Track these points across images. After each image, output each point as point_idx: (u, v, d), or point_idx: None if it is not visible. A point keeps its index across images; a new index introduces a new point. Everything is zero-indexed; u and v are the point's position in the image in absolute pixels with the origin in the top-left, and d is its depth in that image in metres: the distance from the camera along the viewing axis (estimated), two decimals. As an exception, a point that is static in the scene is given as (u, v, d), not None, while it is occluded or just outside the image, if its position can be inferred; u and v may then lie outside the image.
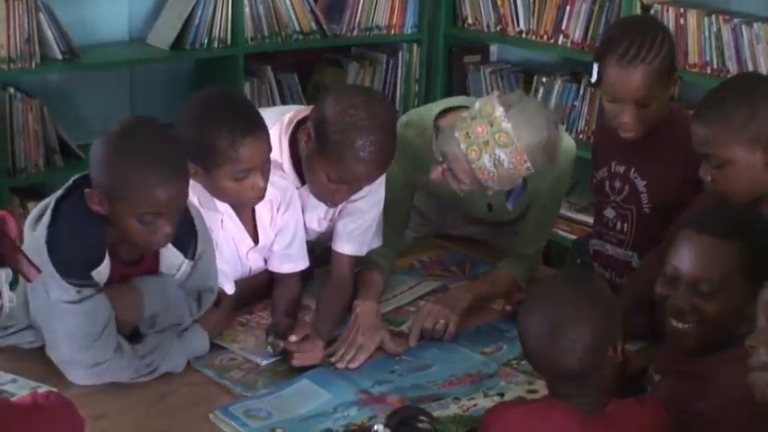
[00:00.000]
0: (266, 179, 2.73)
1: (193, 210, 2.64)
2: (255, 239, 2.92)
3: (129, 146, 2.39)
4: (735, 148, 2.55)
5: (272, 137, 2.77)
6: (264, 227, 2.92)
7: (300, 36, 4.99)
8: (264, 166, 2.71)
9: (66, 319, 2.44)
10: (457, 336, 2.88)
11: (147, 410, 2.48)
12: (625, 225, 3.14)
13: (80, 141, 4.52)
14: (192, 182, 2.57)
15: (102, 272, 2.49)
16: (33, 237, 2.42)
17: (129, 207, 2.38)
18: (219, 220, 2.82)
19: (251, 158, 2.66)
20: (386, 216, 3.13)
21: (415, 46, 5.43)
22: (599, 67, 2.95)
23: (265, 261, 3.01)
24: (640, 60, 2.84)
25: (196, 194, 2.72)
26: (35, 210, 2.50)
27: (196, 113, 2.69)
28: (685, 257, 2.30)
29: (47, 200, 2.50)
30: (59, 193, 2.48)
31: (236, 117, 2.66)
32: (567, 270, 3.65)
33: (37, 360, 2.57)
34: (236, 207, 2.84)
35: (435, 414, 2.47)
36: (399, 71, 5.42)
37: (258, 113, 2.75)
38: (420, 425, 2.30)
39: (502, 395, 2.60)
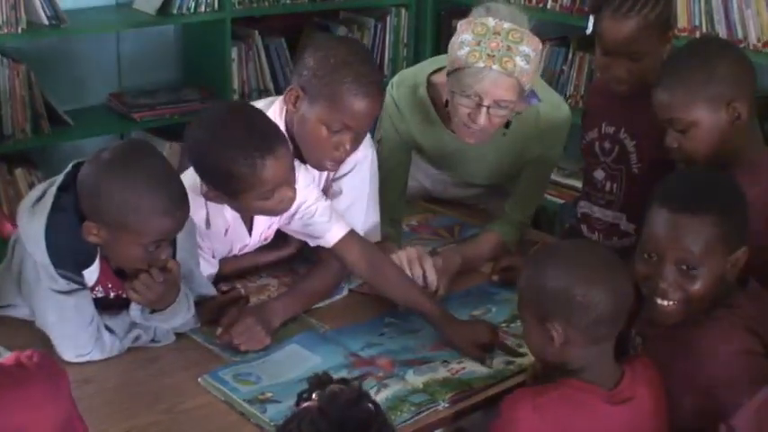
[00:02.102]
0: (294, 187, 2.62)
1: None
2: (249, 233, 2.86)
3: (131, 177, 2.34)
4: (697, 110, 2.58)
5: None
6: (259, 230, 2.84)
7: (288, 0, 4.96)
8: (290, 177, 2.60)
9: (55, 306, 2.44)
10: (446, 299, 2.89)
11: (136, 375, 2.48)
12: (614, 186, 3.15)
13: (67, 107, 4.50)
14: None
15: (92, 271, 2.48)
16: (32, 222, 2.39)
17: (136, 237, 2.37)
18: (224, 230, 2.77)
19: (275, 178, 2.54)
20: (385, 180, 3.10)
21: (403, 10, 5.40)
22: (594, 19, 3.00)
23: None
24: (636, 12, 2.88)
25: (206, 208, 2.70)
26: (33, 193, 2.46)
27: (207, 139, 2.56)
28: (663, 238, 2.29)
29: (46, 184, 2.47)
30: (60, 179, 2.44)
31: (250, 138, 2.52)
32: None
33: (24, 331, 2.55)
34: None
35: (425, 377, 2.49)
36: (388, 35, 5.39)
37: (272, 124, 2.63)
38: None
39: (492, 359, 2.61)
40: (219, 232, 2.76)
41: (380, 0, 5.34)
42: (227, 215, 2.73)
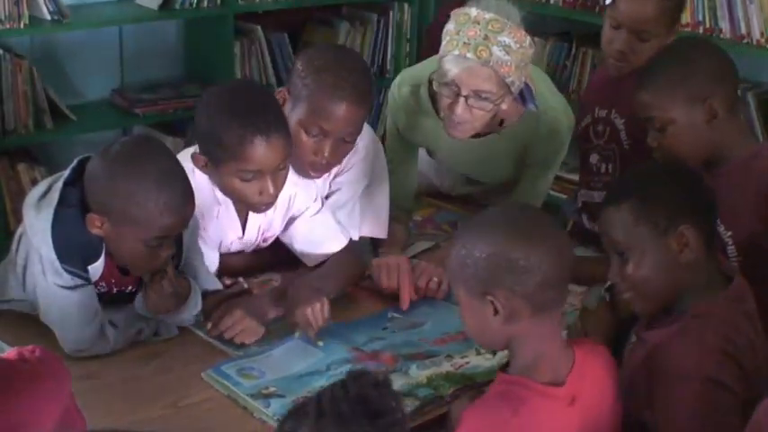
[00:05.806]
0: (277, 186, 2.62)
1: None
2: (243, 230, 2.85)
3: (138, 170, 2.35)
4: (674, 108, 2.61)
5: None
6: (255, 223, 2.83)
7: (291, -5, 4.96)
8: (277, 173, 2.59)
9: (60, 301, 2.44)
10: (449, 293, 2.88)
11: (139, 370, 2.48)
12: (609, 166, 3.20)
13: (70, 102, 4.50)
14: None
15: (97, 267, 2.48)
16: (38, 217, 2.39)
17: (138, 232, 2.37)
18: (216, 211, 2.75)
19: (259, 160, 2.53)
20: (394, 179, 3.12)
21: (405, 5, 5.40)
22: None
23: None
24: None
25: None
26: (39, 187, 2.47)
27: (213, 102, 2.59)
28: (601, 227, 2.35)
29: (51, 179, 2.47)
30: (66, 174, 2.44)
31: (251, 112, 2.54)
32: None
33: (27, 326, 2.55)
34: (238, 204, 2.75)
35: (428, 372, 2.49)
36: (390, 30, 5.38)
37: (280, 114, 2.62)
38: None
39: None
40: (212, 215, 2.74)
41: (383, -5, 5.34)
42: (217, 195, 2.71)
